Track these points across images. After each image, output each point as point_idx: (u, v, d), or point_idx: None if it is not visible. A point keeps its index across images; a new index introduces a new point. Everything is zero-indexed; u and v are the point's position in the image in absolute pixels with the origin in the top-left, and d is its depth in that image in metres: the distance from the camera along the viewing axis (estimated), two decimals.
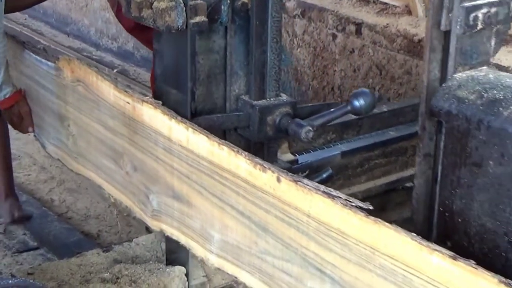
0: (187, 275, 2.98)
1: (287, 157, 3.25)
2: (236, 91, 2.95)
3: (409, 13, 4.68)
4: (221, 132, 2.90)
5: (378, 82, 4.60)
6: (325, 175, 2.99)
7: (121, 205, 3.09)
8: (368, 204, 2.17)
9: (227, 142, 2.52)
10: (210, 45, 2.85)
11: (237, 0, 2.82)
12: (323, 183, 2.38)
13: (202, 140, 2.57)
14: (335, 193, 2.22)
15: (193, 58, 2.80)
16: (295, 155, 3.30)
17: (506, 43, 3.96)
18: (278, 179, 2.33)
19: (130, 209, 3.03)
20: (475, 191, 2.28)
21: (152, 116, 2.76)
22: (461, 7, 2.38)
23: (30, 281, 2.71)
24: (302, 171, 3.06)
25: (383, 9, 4.74)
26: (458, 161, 2.31)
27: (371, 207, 2.16)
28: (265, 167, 2.37)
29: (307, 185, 2.26)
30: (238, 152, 2.46)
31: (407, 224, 2.28)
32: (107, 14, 6.81)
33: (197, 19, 2.71)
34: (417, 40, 4.39)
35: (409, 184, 3.43)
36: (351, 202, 2.17)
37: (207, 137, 2.56)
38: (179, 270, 2.99)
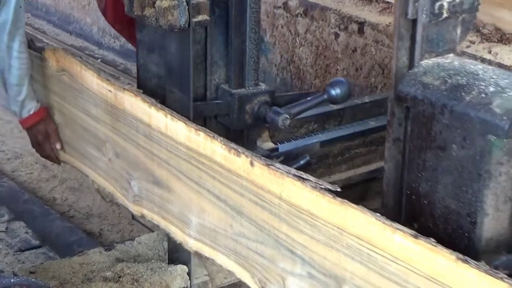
0: (189, 274, 2.99)
1: (268, 145, 3.32)
2: (216, 80, 3.02)
3: None
4: (202, 120, 2.98)
5: (380, 81, 4.60)
6: (302, 161, 3.07)
7: (104, 191, 3.16)
8: (336, 186, 2.24)
9: (203, 128, 2.59)
10: None
11: None
12: (300, 169, 2.44)
13: (180, 126, 2.65)
14: (305, 176, 2.29)
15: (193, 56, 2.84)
16: (276, 144, 3.37)
17: (508, 42, 4.01)
18: (251, 163, 2.40)
19: (113, 195, 3.10)
20: (439, 174, 2.35)
21: (133, 103, 2.83)
22: None
23: (32, 280, 2.69)
24: (277, 157, 3.13)
25: (386, 8, 4.70)
26: (423, 145, 2.38)
27: (339, 189, 2.23)
28: (239, 152, 2.44)
29: (279, 169, 2.33)
30: (214, 137, 2.53)
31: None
32: None
33: (200, 18, 2.76)
34: None
35: None
36: (320, 184, 2.24)
37: (185, 124, 2.63)
38: (181, 269, 2.99)
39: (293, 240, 2.33)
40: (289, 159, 3.18)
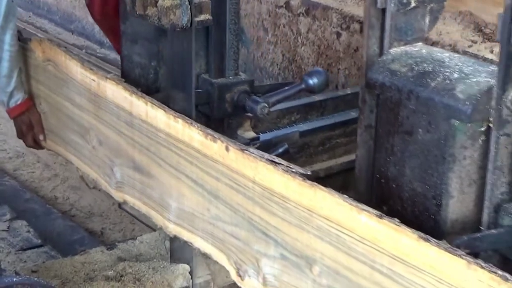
0: (191, 273, 3.00)
1: (249, 134, 3.38)
2: (197, 70, 3.08)
3: None
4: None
5: None
6: (281, 149, 3.12)
7: (88, 178, 3.24)
8: (307, 169, 2.32)
9: (182, 115, 2.67)
10: None
11: None
12: (279, 157, 2.49)
13: (159, 113, 2.73)
14: (278, 160, 2.37)
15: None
16: (258, 134, 3.44)
17: None
18: (227, 148, 2.48)
19: (96, 182, 3.18)
20: (406, 158, 2.43)
21: (114, 91, 2.91)
22: None
23: (34, 278, 2.70)
24: (254, 145, 3.20)
25: None
26: (391, 130, 2.45)
27: (309, 173, 2.31)
28: (215, 137, 2.52)
29: (253, 153, 2.41)
30: (191, 124, 2.61)
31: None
32: None
33: (202, 17, 2.81)
34: None
35: None
36: (291, 168, 2.32)
37: (164, 111, 2.71)
38: (183, 268, 3.00)
39: (267, 222, 2.40)
40: (268, 148, 3.25)
